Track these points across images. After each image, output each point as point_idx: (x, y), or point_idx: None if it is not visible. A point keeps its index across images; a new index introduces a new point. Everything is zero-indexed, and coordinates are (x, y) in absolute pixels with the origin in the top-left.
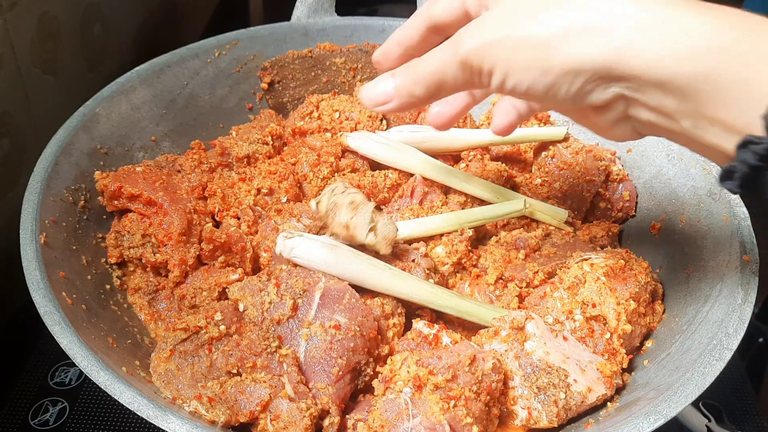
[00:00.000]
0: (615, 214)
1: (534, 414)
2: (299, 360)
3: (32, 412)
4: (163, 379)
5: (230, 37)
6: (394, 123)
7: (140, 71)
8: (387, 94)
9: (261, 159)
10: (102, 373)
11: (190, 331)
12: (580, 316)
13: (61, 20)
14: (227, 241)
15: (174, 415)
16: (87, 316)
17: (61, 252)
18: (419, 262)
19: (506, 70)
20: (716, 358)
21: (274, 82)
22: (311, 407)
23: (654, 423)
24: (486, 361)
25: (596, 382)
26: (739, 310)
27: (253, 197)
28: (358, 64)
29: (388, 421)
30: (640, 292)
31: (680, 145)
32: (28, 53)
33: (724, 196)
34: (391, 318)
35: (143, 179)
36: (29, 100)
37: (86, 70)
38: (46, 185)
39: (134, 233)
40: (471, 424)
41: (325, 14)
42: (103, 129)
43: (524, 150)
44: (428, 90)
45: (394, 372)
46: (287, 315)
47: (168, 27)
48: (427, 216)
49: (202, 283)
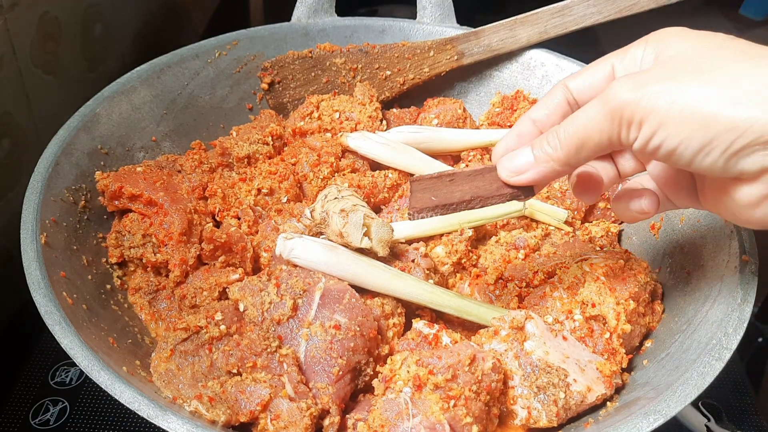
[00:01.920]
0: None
1: (534, 413)
2: (299, 360)
3: (33, 411)
4: (163, 378)
5: (230, 37)
6: (394, 123)
7: (141, 71)
8: (526, 163)
9: (261, 159)
10: (102, 373)
11: (190, 330)
12: (579, 316)
13: (62, 20)
14: (227, 241)
15: (174, 415)
16: (87, 315)
17: (61, 252)
18: (419, 262)
19: (660, 121)
20: (715, 357)
21: (274, 82)
22: (311, 407)
23: (653, 423)
24: (486, 361)
25: (596, 381)
26: (738, 309)
27: (254, 197)
28: (358, 65)
29: (388, 421)
30: (640, 292)
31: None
32: (28, 53)
33: None
34: (391, 318)
35: (144, 179)
36: (30, 100)
37: (87, 70)
38: (47, 185)
39: (135, 233)
40: (471, 423)
41: (325, 15)
42: (104, 129)
43: None
44: (568, 151)
45: (394, 372)
46: (287, 315)
47: (168, 27)
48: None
49: (202, 283)
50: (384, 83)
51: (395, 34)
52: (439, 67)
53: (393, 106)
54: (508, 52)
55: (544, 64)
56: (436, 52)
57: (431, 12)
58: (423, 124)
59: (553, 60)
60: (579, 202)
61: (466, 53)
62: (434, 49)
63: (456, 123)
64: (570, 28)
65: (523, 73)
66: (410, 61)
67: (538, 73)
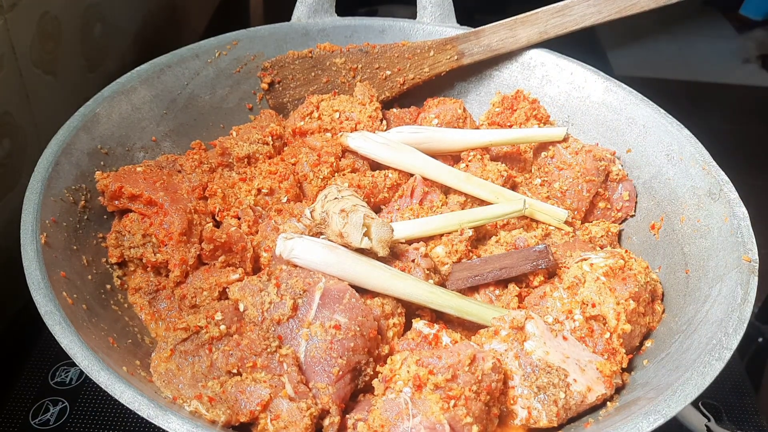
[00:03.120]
0: (615, 214)
1: (534, 413)
2: (299, 360)
3: (33, 411)
4: (163, 378)
5: (230, 37)
6: (394, 123)
7: (141, 71)
8: None
9: (261, 159)
10: (102, 373)
11: (190, 330)
12: (579, 316)
13: (62, 20)
14: (228, 241)
15: (174, 415)
16: (87, 316)
17: (61, 252)
18: (419, 262)
19: None
20: (716, 357)
21: (274, 82)
22: (311, 407)
23: (653, 423)
24: (486, 361)
25: (596, 381)
26: (738, 309)
27: (254, 197)
28: (358, 65)
29: (388, 421)
30: (640, 292)
31: (680, 145)
32: (28, 53)
33: (723, 196)
34: (391, 318)
35: (144, 179)
36: (30, 100)
37: (87, 70)
38: (47, 185)
39: (135, 233)
40: (471, 423)
41: (325, 15)
42: (104, 129)
43: (524, 150)
44: None
45: (394, 372)
46: (287, 315)
47: (168, 27)
48: (427, 216)
49: (202, 283)
50: (384, 83)
51: (395, 34)
52: (439, 67)
53: (393, 106)
54: (508, 52)
55: (544, 64)
56: (436, 52)
57: (431, 12)
58: (423, 124)
59: (553, 60)
60: (579, 202)
61: (466, 53)
62: (434, 49)
63: (456, 123)
64: (570, 28)
65: (523, 73)
66: (410, 61)
67: (538, 73)
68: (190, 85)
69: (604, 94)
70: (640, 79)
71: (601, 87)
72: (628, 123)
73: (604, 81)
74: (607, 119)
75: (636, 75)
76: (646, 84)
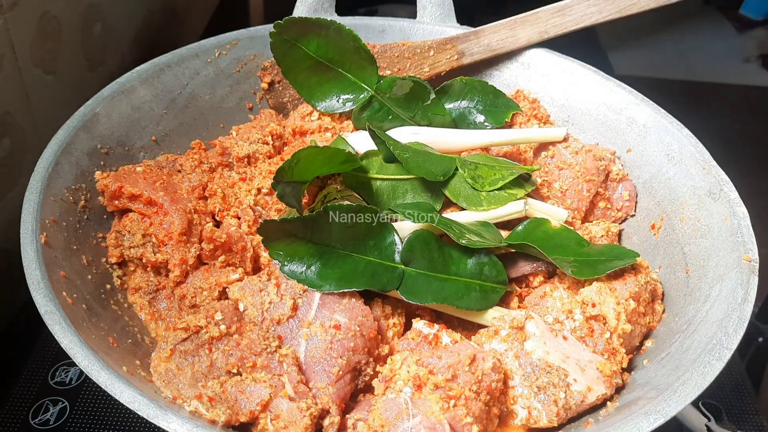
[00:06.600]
0: (615, 214)
1: (534, 413)
2: (299, 360)
3: (33, 411)
4: (163, 378)
5: (230, 37)
6: None
7: (141, 71)
8: None
9: (261, 159)
10: (102, 373)
11: (190, 330)
12: (579, 316)
13: (62, 20)
14: (227, 241)
15: (174, 415)
16: (87, 315)
17: (61, 252)
18: None
19: None
20: (716, 357)
21: (274, 82)
22: (311, 407)
23: (653, 422)
24: (486, 361)
25: (596, 381)
26: (738, 309)
27: (254, 197)
28: None
29: (388, 421)
30: (640, 292)
31: (680, 145)
32: (28, 53)
33: (723, 195)
34: (391, 318)
35: (144, 179)
36: (30, 100)
37: (87, 69)
38: (47, 185)
39: (135, 233)
40: (471, 423)
41: (324, 14)
42: (104, 129)
43: (524, 150)
44: None
45: (394, 372)
46: (287, 315)
47: (168, 27)
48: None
49: (202, 283)
50: None
51: (395, 34)
52: (439, 67)
53: None
54: (508, 52)
55: (544, 64)
56: (436, 51)
57: (431, 12)
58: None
59: (553, 60)
60: (579, 202)
61: (466, 53)
62: (434, 48)
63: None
64: (570, 28)
65: (523, 73)
66: (410, 60)
67: (538, 72)
68: (190, 85)
69: (605, 93)
70: (640, 79)
71: (601, 87)
72: (628, 123)
73: (605, 81)
74: (607, 119)
75: (636, 75)
76: (646, 84)
